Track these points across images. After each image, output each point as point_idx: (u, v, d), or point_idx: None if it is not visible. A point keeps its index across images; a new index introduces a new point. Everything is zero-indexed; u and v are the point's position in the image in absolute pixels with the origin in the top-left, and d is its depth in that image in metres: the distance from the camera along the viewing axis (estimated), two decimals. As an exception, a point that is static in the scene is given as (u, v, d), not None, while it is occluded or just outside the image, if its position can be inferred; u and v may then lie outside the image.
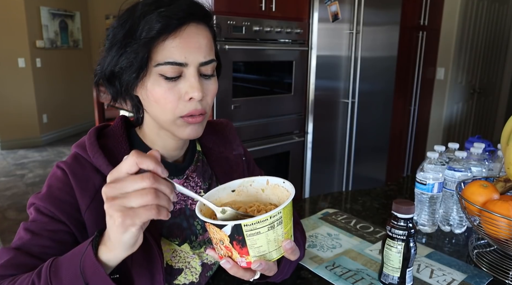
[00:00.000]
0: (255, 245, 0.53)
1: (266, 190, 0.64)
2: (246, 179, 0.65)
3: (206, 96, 0.68)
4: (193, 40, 0.64)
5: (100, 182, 0.67)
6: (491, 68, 4.04)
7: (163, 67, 0.63)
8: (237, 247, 0.53)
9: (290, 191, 0.59)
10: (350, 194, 1.40)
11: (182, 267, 0.74)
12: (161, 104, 0.66)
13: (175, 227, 0.75)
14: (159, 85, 0.65)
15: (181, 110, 0.66)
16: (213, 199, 0.63)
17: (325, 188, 2.72)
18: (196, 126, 0.69)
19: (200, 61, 0.65)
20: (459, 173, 1.06)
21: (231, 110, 2.16)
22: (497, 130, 4.47)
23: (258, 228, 0.52)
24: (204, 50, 0.66)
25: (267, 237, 0.53)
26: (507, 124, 1.01)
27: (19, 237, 0.63)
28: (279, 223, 0.54)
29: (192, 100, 0.66)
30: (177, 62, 0.63)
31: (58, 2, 5.29)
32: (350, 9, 2.48)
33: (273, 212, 0.52)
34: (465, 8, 3.38)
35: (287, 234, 0.56)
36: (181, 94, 0.65)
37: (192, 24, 0.65)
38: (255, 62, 2.25)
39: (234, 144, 0.87)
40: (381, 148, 3.00)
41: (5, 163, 4.42)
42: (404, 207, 0.78)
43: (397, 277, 0.80)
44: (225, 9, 2.05)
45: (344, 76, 2.60)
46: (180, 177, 0.77)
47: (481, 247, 0.99)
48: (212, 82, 0.69)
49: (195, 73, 0.65)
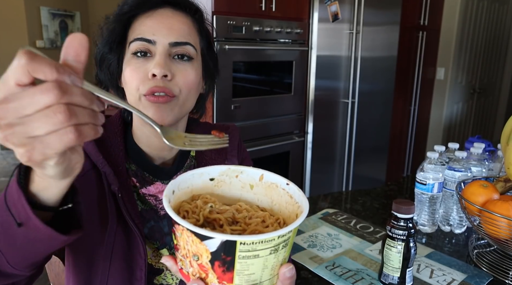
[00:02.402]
0: (246, 271, 0.39)
1: (256, 188, 0.51)
2: (232, 166, 0.51)
3: (175, 78, 0.64)
4: (166, 21, 0.65)
5: (89, 167, 0.66)
6: (491, 68, 4.04)
7: (133, 44, 0.65)
8: (219, 269, 0.39)
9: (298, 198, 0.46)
10: (350, 194, 1.40)
11: (163, 268, 0.72)
12: (129, 83, 0.65)
13: (156, 230, 0.72)
14: (130, 64, 0.65)
15: (143, 88, 0.63)
16: (185, 186, 0.49)
17: (325, 188, 2.72)
18: (161, 107, 0.63)
19: (170, 41, 0.64)
20: (459, 173, 1.06)
21: (231, 110, 2.16)
22: (497, 130, 4.47)
23: (258, 249, 0.38)
24: (176, 31, 0.65)
25: (265, 263, 0.40)
26: (507, 124, 1.02)
27: None
28: (285, 245, 0.41)
29: (155, 78, 0.63)
30: (145, 38, 0.64)
31: (58, 2, 5.29)
32: (350, 9, 2.48)
33: (283, 232, 0.39)
34: (465, 8, 3.38)
35: (286, 258, 0.44)
36: (147, 72, 0.63)
37: (168, 8, 0.67)
38: (255, 62, 2.25)
39: (228, 154, 0.81)
40: (381, 148, 3.00)
41: (5, 163, 4.42)
42: (404, 207, 0.78)
43: (397, 277, 0.80)
44: (225, 9, 2.05)
45: (344, 76, 2.60)
46: (166, 181, 0.73)
47: (481, 247, 0.99)
48: (187, 66, 0.66)
49: (163, 51, 0.64)
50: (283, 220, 0.48)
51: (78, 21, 5.72)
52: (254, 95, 2.30)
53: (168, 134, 0.48)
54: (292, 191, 0.47)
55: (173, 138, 0.48)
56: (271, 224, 0.46)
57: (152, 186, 0.72)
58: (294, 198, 0.47)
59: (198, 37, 0.70)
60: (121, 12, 0.65)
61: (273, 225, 0.46)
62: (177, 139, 0.48)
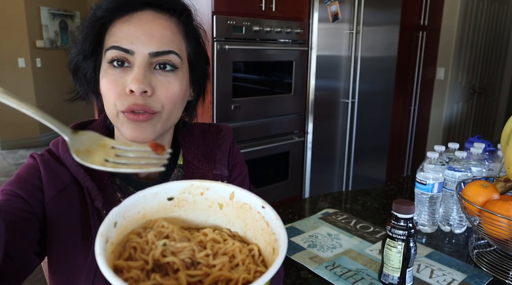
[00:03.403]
0: None
1: (226, 208, 0.42)
2: (196, 182, 0.42)
3: (156, 92, 0.58)
4: (145, 27, 0.58)
5: (70, 181, 0.62)
6: (491, 68, 4.04)
7: (109, 52, 0.58)
8: None
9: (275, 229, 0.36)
10: (350, 194, 1.40)
11: None
12: (105, 96, 0.59)
13: None
14: (107, 75, 0.58)
15: (121, 104, 0.57)
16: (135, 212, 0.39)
17: (325, 188, 2.72)
18: (141, 126, 0.58)
19: (150, 50, 0.57)
20: (459, 173, 1.06)
21: (231, 110, 2.16)
22: (497, 130, 4.47)
23: None
24: (157, 39, 0.58)
25: None
26: (507, 124, 1.01)
27: None
28: None
29: (133, 94, 0.56)
30: (122, 47, 0.57)
31: (58, 2, 5.29)
32: (350, 9, 2.48)
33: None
34: (465, 8, 3.38)
35: None
36: (125, 86, 0.57)
37: (148, 11, 0.59)
38: (255, 62, 2.25)
39: (217, 163, 0.74)
40: (381, 148, 3.00)
41: (5, 163, 4.42)
42: (404, 207, 0.78)
43: (397, 277, 0.80)
44: (225, 9, 2.05)
45: (344, 76, 2.60)
46: None
47: (481, 247, 0.99)
48: (170, 78, 0.59)
49: (142, 63, 0.57)
50: (258, 251, 0.39)
51: (78, 21, 5.72)
52: (254, 95, 2.29)
53: (83, 145, 0.38)
54: (269, 217, 0.38)
55: (90, 152, 0.38)
56: (242, 262, 0.36)
57: None
58: (270, 226, 0.38)
59: (184, 42, 0.63)
60: (95, 17, 0.58)
61: (244, 263, 0.36)
62: (97, 154, 0.39)
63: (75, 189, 0.62)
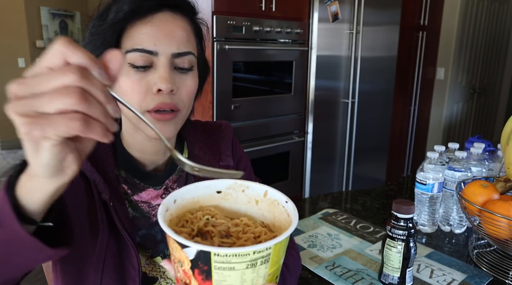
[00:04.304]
0: (223, 282, 0.39)
1: (261, 203, 0.51)
2: (239, 181, 0.51)
3: (179, 91, 0.61)
4: (166, 28, 0.59)
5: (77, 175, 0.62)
6: (491, 68, 4.04)
7: (132, 54, 0.58)
8: (199, 277, 0.40)
9: (292, 218, 0.45)
10: (350, 194, 1.40)
11: (157, 276, 0.68)
12: (129, 96, 0.60)
13: (148, 238, 0.69)
14: (128, 75, 0.59)
15: (148, 104, 0.59)
16: (189, 197, 0.50)
17: (325, 188, 2.72)
18: (166, 124, 0.61)
19: (172, 51, 0.60)
20: (459, 173, 1.06)
21: (231, 110, 2.16)
22: (497, 130, 4.47)
23: (233, 262, 0.38)
24: (178, 40, 0.60)
25: (242, 276, 0.39)
26: (507, 124, 1.02)
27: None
28: (264, 261, 0.40)
29: (161, 93, 0.59)
30: (146, 49, 0.58)
31: (58, 2, 5.29)
32: (350, 9, 2.48)
33: (260, 248, 0.38)
34: (465, 8, 3.38)
35: (271, 276, 0.42)
36: (150, 86, 0.59)
37: (166, 12, 0.61)
38: (255, 62, 2.25)
39: (223, 154, 0.78)
40: (381, 148, 3.00)
41: (5, 163, 4.42)
42: (404, 207, 0.78)
43: (397, 277, 0.80)
44: (225, 9, 2.05)
45: (344, 76, 2.60)
46: (158, 187, 0.70)
47: (481, 247, 0.99)
48: (188, 77, 0.63)
49: (166, 63, 0.59)
50: None
51: (78, 21, 5.72)
52: (254, 95, 2.30)
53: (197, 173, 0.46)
54: (289, 209, 0.47)
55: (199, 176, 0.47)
56: (264, 240, 0.44)
57: (144, 193, 0.69)
58: (290, 216, 0.46)
59: (195, 40, 0.66)
60: (115, 20, 0.58)
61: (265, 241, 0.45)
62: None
63: (81, 182, 0.62)
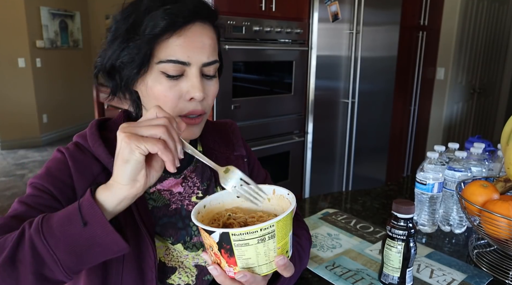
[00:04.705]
0: (243, 256, 0.51)
1: (272, 200, 0.62)
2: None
3: (207, 97, 0.68)
4: (198, 39, 0.64)
5: (99, 171, 0.67)
6: (491, 68, 4.04)
7: (166, 65, 0.63)
8: (225, 255, 0.52)
9: (292, 203, 0.56)
10: (350, 194, 1.40)
11: (176, 266, 0.73)
12: (161, 101, 0.65)
13: (169, 226, 0.73)
14: (160, 82, 0.64)
15: (180, 109, 0.66)
16: (216, 202, 0.62)
17: (325, 188, 2.72)
18: (194, 127, 0.69)
19: (203, 61, 0.65)
20: (459, 173, 1.06)
21: (231, 110, 2.16)
22: (497, 130, 4.47)
23: (246, 239, 0.50)
24: (207, 50, 0.66)
25: (256, 250, 0.51)
26: (507, 124, 1.01)
27: (14, 209, 0.62)
28: (271, 237, 0.51)
29: (193, 100, 0.66)
30: (180, 61, 0.63)
31: (58, 2, 5.29)
32: (350, 9, 2.48)
33: (264, 225, 0.50)
34: (465, 8, 3.38)
35: (281, 249, 0.53)
36: (182, 93, 0.65)
37: (197, 23, 0.65)
38: (255, 62, 2.25)
39: (235, 145, 0.86)
40: (381, 148, 3.00)
41: (5, 163, 4.42)
42: (404, 207, 0.78)
43: (397, 277, 0.80)
44: (225, 9, 2.05)
45: (344, 76, 2.60)
46: (177, 176, 0.76)
47: (481, 247, 0.99)
48: (213, 82, 0.69)
49: (198, 73, 0.65)
50: None
51: (78, 21, 5.72)
52: (254, 95, 2.29)
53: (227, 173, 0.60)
54: (290, 199, 0.58)
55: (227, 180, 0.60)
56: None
57: (165, 182, 0.74)
58: (292, 204, 0.56)
59: (218, 45, 0.71)
60: (151, 35, 0.62)
61: None
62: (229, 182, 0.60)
63: (104, 178, 0.66)
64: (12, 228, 0.56)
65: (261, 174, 0.91)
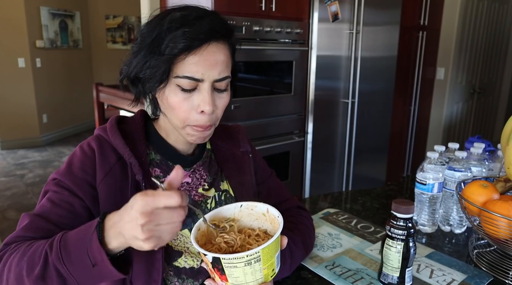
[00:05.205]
0: (232, 275, 0.59)
1: (267, 217, 0.70)
2: (245, 203, 0.70)
3: (216, 110, 0.75)
4: (211, 58, 0.70)
5: (115, 160, 0.74)
6: (491, 68, 4.04)
7: (181, 80, 0.70)
8: (218, 273, 0.60)
9: (280, 227, 0.62)
10: (350, 194, 1.40)
11: (182, 250, 0.78)
12: (175, 111, 0.73)
13: None
14: (176, 94, 0.72)
15: (191, 121, 0.73)
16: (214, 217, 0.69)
17: (325, 188, 2.72)
18: (204, 133, 0.76)
19: (215, 78, 0.71)
20: (459, 173, 1.06)
21: (231, 110, 2.16)
22: (497, 130, 4.47)
23: (235, 263, 0.57)
24: (220, 67, 0.71)
25: (244, 271, 0.58)
26: (507, 124, 1.01)
27: (41, 205, 0.71)
28: (257, 260, 0.58)
29: (203, 113, 0.72)
30: (195, 77, 0.70)
31: (58, 2, 5.29)
32: (350, 9, 2.48)
33: (250, 252, 0.57)
34: (465, 8, 3.38)
35: (267, 269, 0.60)
36: (194, 105, 0.72)
37: (212, 43, 0.71)
38: (255, 62, 2.25)
39: (241, 142, 0.93)
40: (381, 148, 2.99)
41: (5, 163, 4.42)
42: (404, 207, 0.78)
43: (397, 277, 0.80)
44: (225, 9, 2.05)
45: (344, 76, 2.60)
46: (188, 169, 0.83)
47: (481, 247, 0.99)
48: (224, 95, 0.76)
49: (209, 88, 0.71)
50: None
51: (78, 21, 5.72)
52: (254, 95, 2.30)
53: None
54: (280, 221, 0.64)
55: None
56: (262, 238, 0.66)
57: None
58: (280, 228, 0.62)
59: (232, 60, 0.77)
60: (171, 55, 0.69)
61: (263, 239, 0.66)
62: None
63: (118, 167, 0.74)
64: (38, 228, 0.67)
65: (266, 172, 0.97)
